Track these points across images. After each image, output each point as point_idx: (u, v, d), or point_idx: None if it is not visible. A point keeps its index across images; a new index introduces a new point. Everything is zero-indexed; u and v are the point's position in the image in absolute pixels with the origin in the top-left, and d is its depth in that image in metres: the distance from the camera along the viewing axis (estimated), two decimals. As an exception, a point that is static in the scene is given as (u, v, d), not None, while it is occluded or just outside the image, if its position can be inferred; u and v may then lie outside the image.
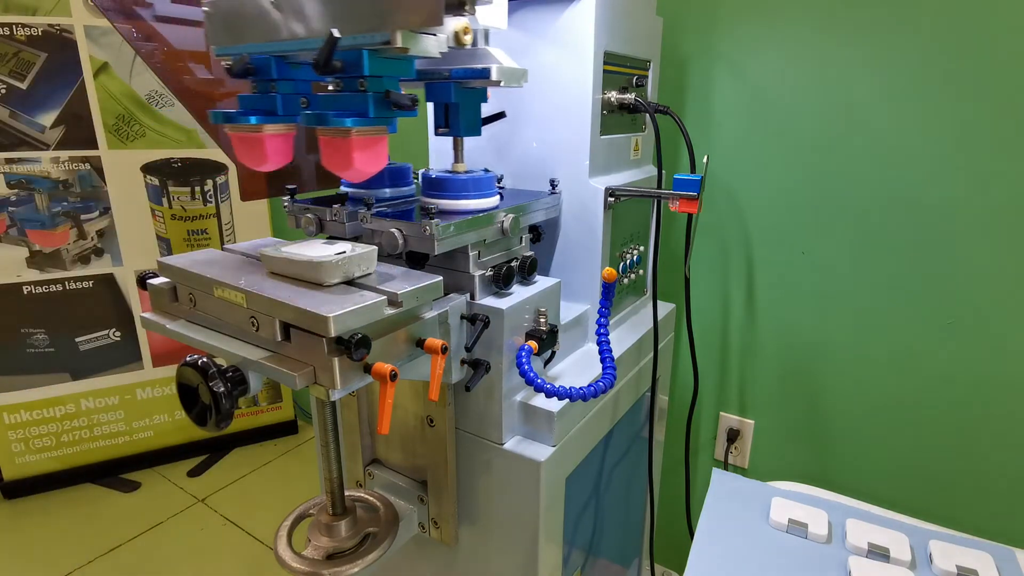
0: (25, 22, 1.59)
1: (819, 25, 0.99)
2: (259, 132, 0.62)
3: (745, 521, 0.76)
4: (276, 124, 0.63)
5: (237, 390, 0.53)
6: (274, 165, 0.64)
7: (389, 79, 0.58)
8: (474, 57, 0.65)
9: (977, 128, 0.91)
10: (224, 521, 1.74)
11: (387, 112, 0.57)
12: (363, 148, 0.57)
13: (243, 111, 0.63)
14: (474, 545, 0.79)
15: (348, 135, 0.55)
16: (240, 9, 0.59)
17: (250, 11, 0.59)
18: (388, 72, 0.57)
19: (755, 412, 1.23)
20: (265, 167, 0.64)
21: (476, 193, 0.71)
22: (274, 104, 0.63)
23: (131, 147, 1.76)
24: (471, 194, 0.70)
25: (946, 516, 1.02)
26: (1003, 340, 0.96)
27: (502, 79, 0.64)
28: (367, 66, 0.54)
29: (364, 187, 0.77)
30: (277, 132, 0.63)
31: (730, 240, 1.16)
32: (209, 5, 0.62)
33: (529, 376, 0.66)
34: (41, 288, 1.73)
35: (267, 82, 0.63)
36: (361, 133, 0.56)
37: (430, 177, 0.71)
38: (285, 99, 0.63)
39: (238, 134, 0.63)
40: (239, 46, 0.61)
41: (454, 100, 0.68)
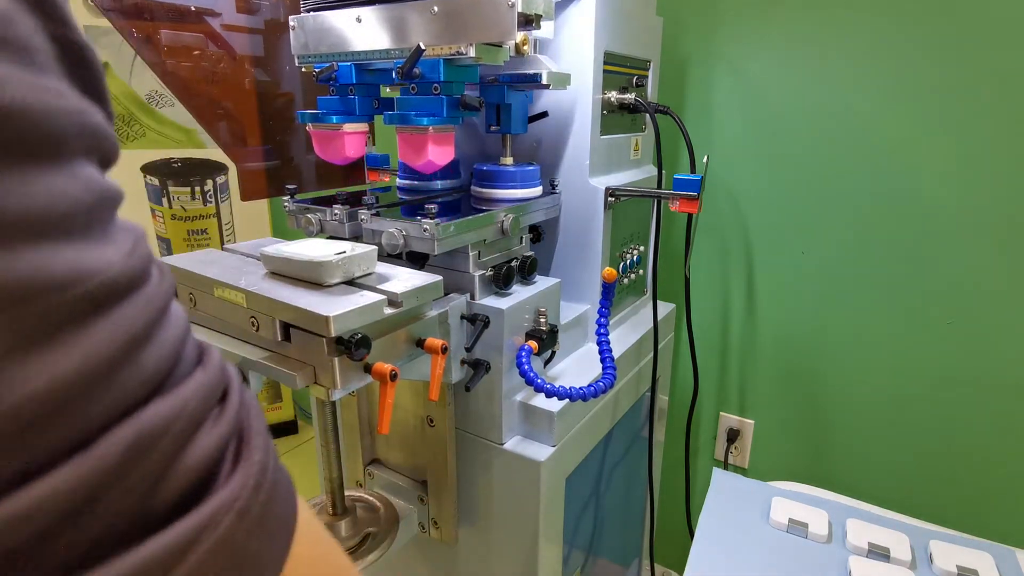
0: (25, 22, 1.58)
1: (819, 25, 0.99)
2: (339, 129, 0.73)
3: (745, 521, 0.76)
4: (353, 123, 0.74)
5: (237, 390, 0.53)
6: (352, 157, 0.75)
7: (458, 84, 0.66)
8: (525, 63, 0.72)
9: (977, 128, 0.91)
10: (224, 521, 1.73)
11: (457, 113, 0.67)
12: (437, 143, 0.66)
13: (326, 111, 0.74)
14: (474, 545, 0.79)
15: (425, 132, 0.65)
16: (325, 24, 0.71)
17: (335, 25, 0.70)
18: (459, 78, 0.66)
19: (755, 412, 1.23)
20: (343, 160, 0.75)
21: (522, 184, 0.78)
22: (352, 106, 0.74)
23: (131, 147, 1.76)
24: (518, 184, 0.78)
25: (946, 516, 1.02)
26: (1003, 340, 0.96)
27: (552, 83, 0.72)
28: (443, 73, 0.64)
29: (418, 180, 0.85)
30: (355, 130, 0.74)
31: (730, 240, 1.16)
32: (295, 19, 0.73)
33: (529, 376, 0.66)
34: (41, 288, 1.73)
35: (346, 86, 0.74)
36: (436, 131, 0.65)
37: (482, 170, 0.79)
38: (361, 101, 0.74)
39: (320, 132, 0.74)
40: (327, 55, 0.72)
41: (507, 101, 0.76)
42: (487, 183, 0.79)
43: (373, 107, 0.74)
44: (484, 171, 0.79)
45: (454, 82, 0.65)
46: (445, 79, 0.64)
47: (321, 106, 0.75)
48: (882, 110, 0.98)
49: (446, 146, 0.68)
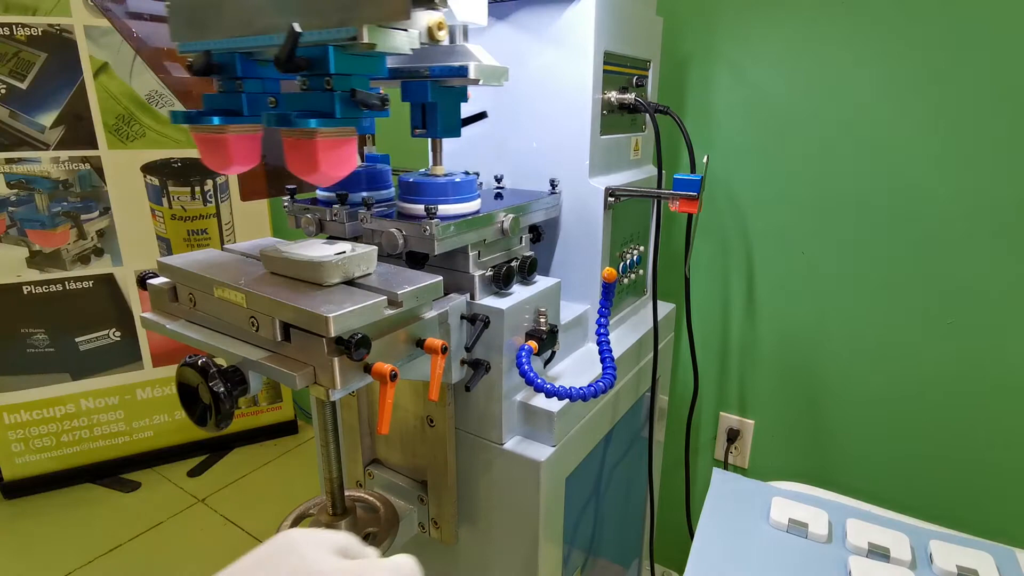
0: (25, 22, 1.59)
1: (819, 25, 0.99)
2: (222, 133, 0.58)
3: (745, 521, 0.76)
4: (241, 125, 0.59)
5: (237, 390, 0.53)
6: (239, 168, 0.61)
7: (358, 77, 0.54)
8: (452, 54, 0.62)
9: (977, 127, 0.91)
10: (224, 521, 1.74)
11: (355, 112, 0.53)
12: (329, 150, 0.53)
13: (206, 111, 0.59)
14: (474, 545, 0.79)
15: (313, 136, 0.52)
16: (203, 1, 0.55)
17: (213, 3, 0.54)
18: (356, 70, 0.53)
19: (755, 412, 1.23)
20: (230, 170, 0.61)
21: (456, 197, 0.67)
22: (239, 104, 0.59)
23: (131, 147, 1.76)
24: (450, 198, 0.67)
25: (946, 516, 1.02)
26: (1003, 340, 0.96)
27: (481, 77, 0.61)
28: (333, 63, 0.51)
29: (339, 190, 0.74)
30: (242, 133, 0.59)
31: (730, 240, 1.16)
32: None
33: (529, 376, 0.66)
34: (41, 288, 1.73)
35: (232, 80, 0.59)
36: (327, 135, 0.52)
37: (407, 181, 0.68)
38: (251, 98, 0.59)
39: (201, 135, 0.59)
40: (203, 42, 0.57)
41: (431, 99, 0.64)
42: (412, 196, 0.68)
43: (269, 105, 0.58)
44: (409, 183, 0.68)
45: (352, 75, 0.53)
46: (337, 71, 0.51)
47: (205, 104, 0.61)
48: (882, 110, 0.98)
49: (344, 153, 0.55)
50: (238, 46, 0.56)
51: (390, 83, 0.67)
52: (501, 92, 0.85)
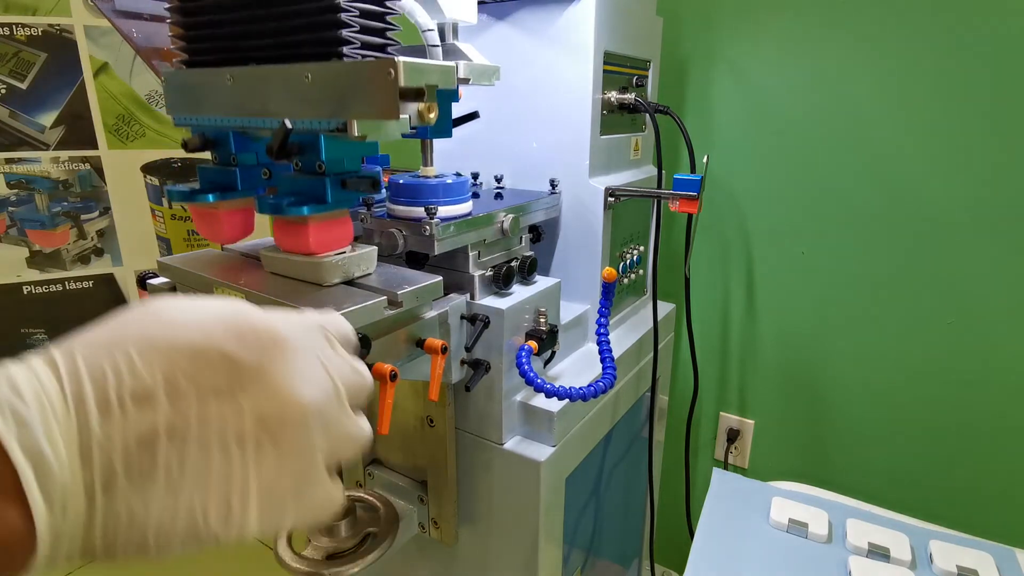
0: (25, 22, 1.59)
1: (819, 25, 0.99)
2: (216, 209, 0.60)
3: (745, 521, 0.76)
4: (234, 199, 0.61)
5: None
6: (233, 239, 0.64)
7: (350, 159, 0.55)
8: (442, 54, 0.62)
9: (977, 127, 0.91)
10: (224, 521, 1.73)
11: (347, 195, 0.55)
12: (321, 232, 0.55)
13: (201, 188, 0.61)
14: (474, 545, 0.79)
15: (306, 223, 0.53)
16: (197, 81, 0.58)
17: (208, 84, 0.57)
18: (348, 154, 0.55)
19: (755, 412, 1.23)
20: (224, 242, 0.63)
21: (446, 199, 0.66)
22: (234, 179, 0.60)
23: (131, 147, 1.76)
24: (440, 200, 0.65)
25: (946, 516, 1.02)
26: (1003, 340, 0.96)
27: (471, 76, 0.60)
28: (324, 151, 0.52)
29: None
30: (235, 208, 0.61)
31: (730, 240, 1.16)
32: (167, 75, 0.60)
33: (529, 376, 0.66)
34: (41, 288, 1.73)
35: (227, 154, 0.60)
36: (318, 219, 0.54)
37: (397, 183, 0.67)
38: (244, 173, 0.61)
39: (197, 210, 0.61)
40: (199, 116, 0.59)
41: None
42: (403, 199, 0.67)
43: (263, 179, 0.60)
44: (400, 185, 0.67)
45: (344, 158, 0.54)
46: (329, 157, 0.53)
47: (200, 179, 0.62)
48: (882, 109, 0.98)
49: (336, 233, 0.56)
50: (231, 125, 0.57)
51: None
52: (501, 92, 0.85)
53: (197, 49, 0.58)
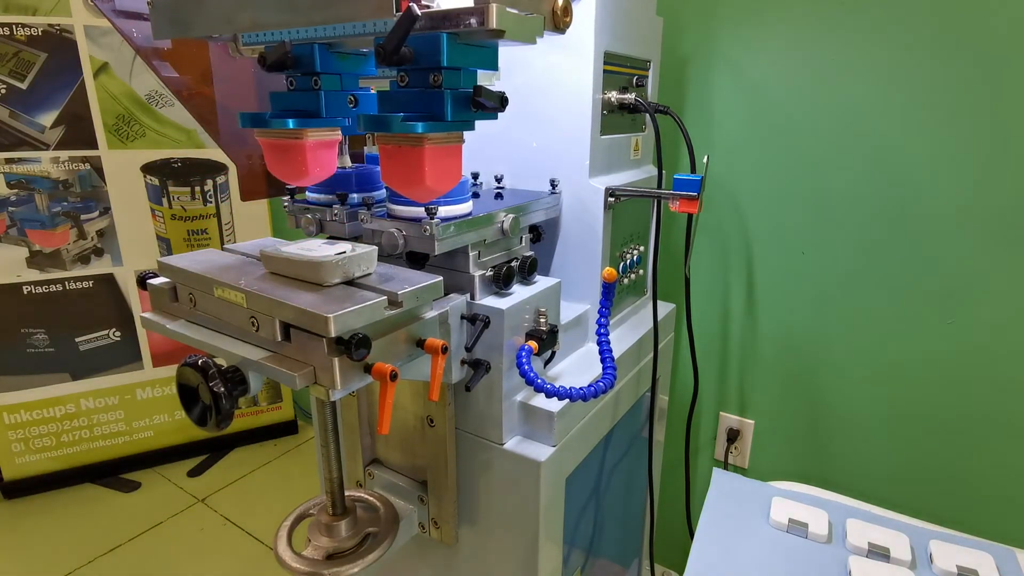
0: (25, 22, 1.59)
1: (819, 25, 0.99)
2: (299, 139, 0.51)
3: (745, 521, 0.76)
4: (319, 129, 0.51)
5: (237, 390, 0.53)
6: (316, 179, 0.55)
7: (467, 72, 0.46)
8: None
9: (978, 128, 0.91)
10: (224, 521, 1.74)
11: (467, 115, 0.46)
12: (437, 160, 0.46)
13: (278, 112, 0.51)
14: (474, 545, 0.79)
15: (420, 144, 0.44)
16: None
17: None
18: (470, 63, 0.45)
19: (755, 412, 1.23)
20: (305, 180, 0.54)
21: (446, 200, 0.64)
22: (317, 103, 0.51)
23: (131, 147, 1.76)
24: (440, 200, 0.63)
25: (946, 516, 1.02)
26: (1003, 340, 0.96)
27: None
28: (446, 55, 0.43)
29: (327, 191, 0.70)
30: (320, 139, 0.52)
31: (730, 240, 1.16)
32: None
33: (529, 376, 0.66)
34: (41, 288, 1.73)
35: (309, 76, 0.50)
36: (436, 142, 0.45)
37: None
38: (329, 97, 0.51)
39: (272, 141, 0.52)
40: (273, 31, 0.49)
41: None
42: (402, 199, 0.64)
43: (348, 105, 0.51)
44: None
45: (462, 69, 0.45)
46: (449, 64, 0.43)
47: (275, 104, 0.53)
48: (882, 109, 0.98)
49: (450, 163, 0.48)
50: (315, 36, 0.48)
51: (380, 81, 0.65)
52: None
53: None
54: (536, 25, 0.44)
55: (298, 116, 0.51)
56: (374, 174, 0.75)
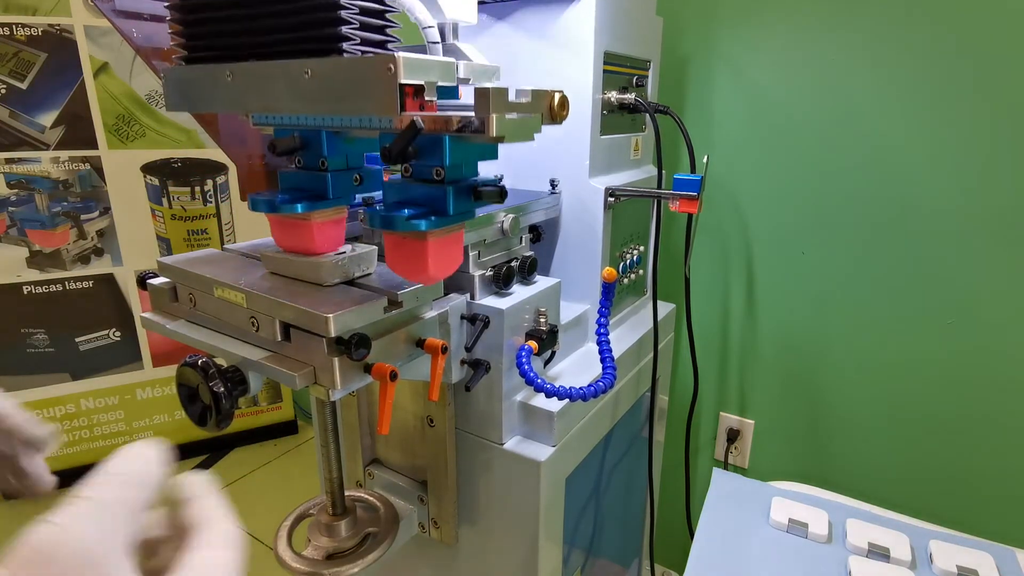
0: (25, 22, 1.59)
1: (819, 25, 0.99)
2: (308, 220, 0.53)
3: (745, 521, 0.76)
4: (327, 209, 0.54)
5: (237, 390, 0.53)
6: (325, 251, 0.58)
7: (469, 165, 0.48)
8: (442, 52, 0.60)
9: (978, 128, 0.91)
10: (224, 521, 1.74)
11: (468, 205, 0.48)
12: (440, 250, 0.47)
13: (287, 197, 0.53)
14: (474, 545, 0.79)
15: (424, 238, 0.46)
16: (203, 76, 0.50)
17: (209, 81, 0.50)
18: (471, 158, 0.47)
19: (755, 412, 1.23)
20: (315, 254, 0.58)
21: None
22: (324, 185, 0.52)
23: (131, 147, 1.76)
24: None
25: (946, 516, 1.02)
26: (1003, 340, 0.96)
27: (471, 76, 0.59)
28: (448, 155, 0.45)
29: None
30: (328, 219, 0.54)
31: (730, 240, 1.16)
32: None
33: (529, 376, 0.66)
34: (41, 288, 1.74)
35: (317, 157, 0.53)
36: (438, 234, 0.46)
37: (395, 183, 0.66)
38: (336, 178, 0.53)
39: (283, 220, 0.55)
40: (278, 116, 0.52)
41: None
42: None
43: (354, 184, 0.54)
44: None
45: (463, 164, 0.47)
46: (452, 162, 0.45)
47: (283, 183, 0.56)
48: (882, 110, 0.98)
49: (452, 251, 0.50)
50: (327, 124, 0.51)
51: None
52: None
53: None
54: (535, 124, 0.46)
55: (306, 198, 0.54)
56: (375, 174, 0.75)
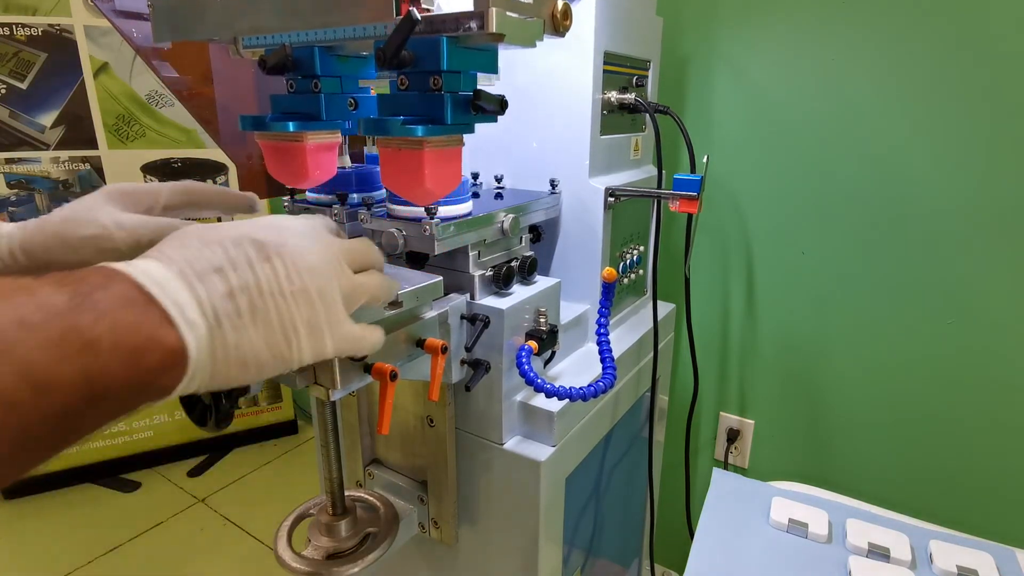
0: (25, 22, 1.59)
1: (819, 25, 0.99)
2: (300, 141, 0.52)
3: (745, 521, 0.76)
4: (319, 131, 0.52)
5: (237, 390, 0.53)
6: (316, 181, 0.55)
7: (467, 75, 0.46)
8: None
9: (978, 128, 0.91)
10: (224, 521, 1.74)
11: (467, 118, 0.47)
12: (437, 164, 0.46)
13: (278, 115, 0.52)
14: (474, 545, 0.79)
15: (420, 147, 0.45)
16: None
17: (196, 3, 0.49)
18: (470, 67, 0.46)
19: (755, 412, 1.23)
20: (305, 183, 0.55)
21: (446, 200, 0.64)
22: (317, 106, 0.51)
23: (131, 147, 1.76)
24: (440, 201, 0.63)
25: (946, 516, 1.02)
26: (1003, 340, 0.96)
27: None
28: (446, 59, 0.43)
29: (327, 191, 0.71)
30: (320, 142, 0.52)
31: (730, 240, 1.16)
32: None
33: (529, 376, 0.66)
34: (41, 288, 1.73)
35: (309, 79, 0.51)
36: (435, 144, 0.45)
37: None
38: (329, 100, 0.51)
39: (272, 143, 0.52)
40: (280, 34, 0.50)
41: None
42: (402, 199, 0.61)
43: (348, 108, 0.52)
44: None
45: (462, 72, 0.46)
46: (450, 67, 0.44)
47: (275, 106, 0.54)
48: (882, 110, 0.98)
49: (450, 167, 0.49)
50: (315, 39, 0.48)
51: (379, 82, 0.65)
52: (500, 92, 0.85)
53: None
54: (536, 29, 0.45)
55: (298, 119, 0.52)
56: (374, 174, 0.75)
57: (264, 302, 0.34)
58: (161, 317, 0.30)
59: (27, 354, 0.25)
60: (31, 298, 0.26)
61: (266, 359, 0.34)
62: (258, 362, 0.34)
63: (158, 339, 0.29)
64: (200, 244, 0.34)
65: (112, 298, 0.28)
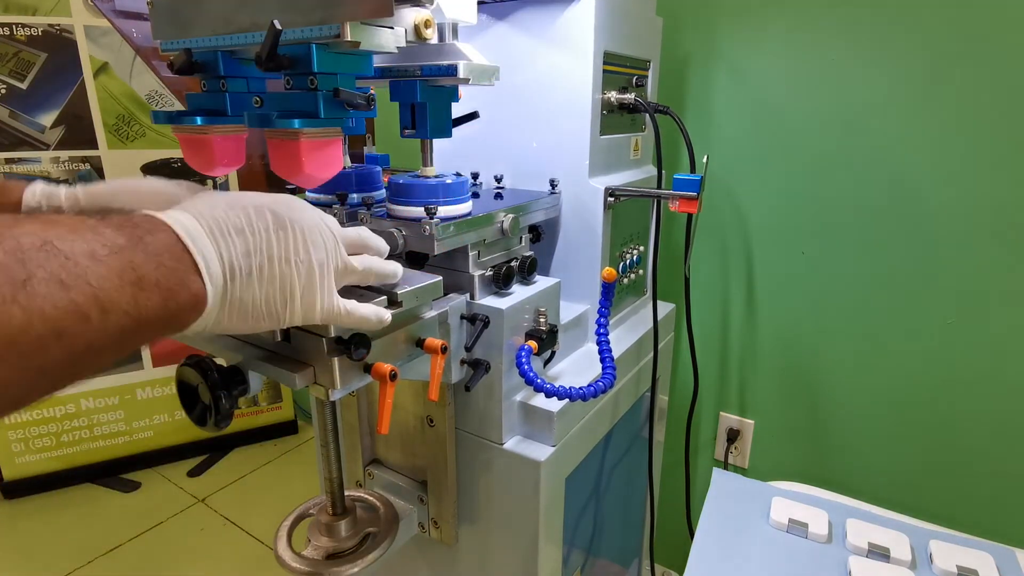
0: (25, 22, 1.59)
1: (820, 25, 0.99)
2: (206, 134, 0.59)
3: (745, 521, 0.76)
4: (224, 125, 0.59)
5: (237, 390, 0.53)
6: (224, 169, 0.62)
7: (343, 76, 0.54)
8: (441, 53, 0.62)
9: (978, 128, 0.91)
10: (224, 521, 1.74)
11: (340, 112, 0.53)
12: (314, 151, 0.53)
13: (188, 111, 0.59)
14: (474, 545, 0.79)
15: (296, 138, 0.52)
16: None
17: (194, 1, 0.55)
18: (341, 68, 0.53)
19: (755, 412, 1.23)
20: (214, 171, 0.62)
21: (446, 199, 0.66)
22: (223, 103, 0.59)
23: (131, 147, 1.76)
24: (440, 200, 0.65)
25: (946, 516, 1.02)
26: (1003, 340, 0.96)
27: (471, 76, 0.60)
28: (316, 62, 0.50)
29: (328, 192, 0.72)
30: (225, 134, 0.60)
31: (730, 240, 1.16)
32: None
33: (529, 376, 0.66)
34: (41, 288, 1.73)
35: (216, 79, 0.59)
36: (311, 135, 0.52)
37: (397, 183, 0.67)
38: (235, 98, 0.59)
39: (184, 136, 0.60)
40: (184, 40, 0.57)
41: (420, 99, 0.63)
42: (402, 199, 0.66)
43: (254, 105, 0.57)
44: (399, 184, 0.66)
45: (337, 74, 0.53)
46: (320, 69, 0.51)
47: (189, 103, 0.61)
48: (882, 110, 0.98)
49: (329, 154, 0.55)
50: (219, 44, 0.56)
51: (379, 81, 0.67)
52: (501, 92, 0.85)
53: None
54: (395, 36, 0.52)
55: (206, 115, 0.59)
56: (374, 174, 0.75)
57: (272, 266, 0.40)
58: (191, 265, 0.35)
59: (96, 280, 0.30)
60: (98, 236, 0.31)
61: (262, 314, 0.40)
62: (255, 315, 0.40)
63: (187, 284, 0.35)
64: (227, 207, 0.39)
65: (158, 243, 0.34)
